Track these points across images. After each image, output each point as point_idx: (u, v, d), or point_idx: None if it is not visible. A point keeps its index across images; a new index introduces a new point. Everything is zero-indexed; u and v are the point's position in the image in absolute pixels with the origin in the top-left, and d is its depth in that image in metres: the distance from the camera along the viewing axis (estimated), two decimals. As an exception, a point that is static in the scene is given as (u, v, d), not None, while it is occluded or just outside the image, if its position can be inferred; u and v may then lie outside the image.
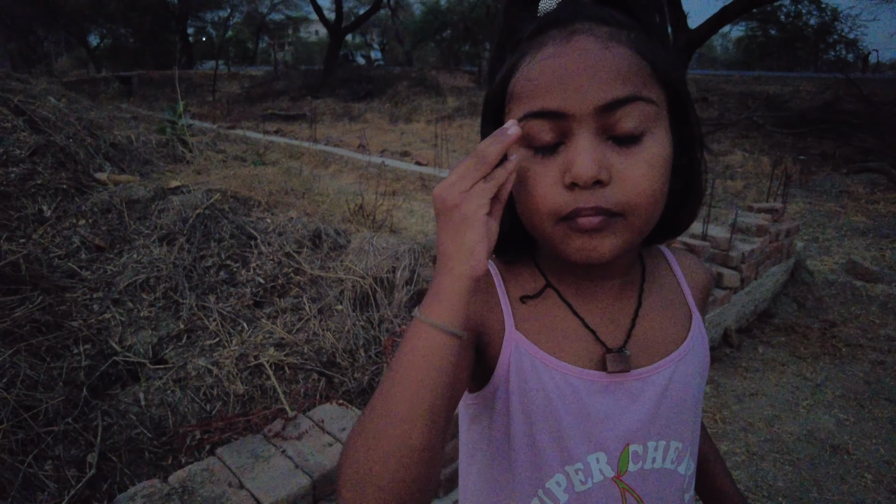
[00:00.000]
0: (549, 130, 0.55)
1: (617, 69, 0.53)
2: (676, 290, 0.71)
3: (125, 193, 3.00)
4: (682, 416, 0.67)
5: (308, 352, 2.30)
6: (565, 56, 0.54)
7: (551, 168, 0.55)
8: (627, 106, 0.53)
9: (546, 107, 0.54)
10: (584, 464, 0.64)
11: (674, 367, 0.66)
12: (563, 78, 0.53)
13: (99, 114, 5.19)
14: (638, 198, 0.55)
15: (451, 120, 13.16)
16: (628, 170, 0.54)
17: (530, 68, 0.55)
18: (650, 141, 0.55)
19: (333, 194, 4.63)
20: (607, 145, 0.54)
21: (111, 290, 2.45)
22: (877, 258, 5.16)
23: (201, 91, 18.09)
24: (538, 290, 0.67)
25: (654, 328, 0.67)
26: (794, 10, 20.05)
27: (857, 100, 11.54)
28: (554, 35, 0.55)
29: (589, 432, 0.63)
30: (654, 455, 0.65)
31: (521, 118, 0.55)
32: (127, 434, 1.85)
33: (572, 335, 0.64)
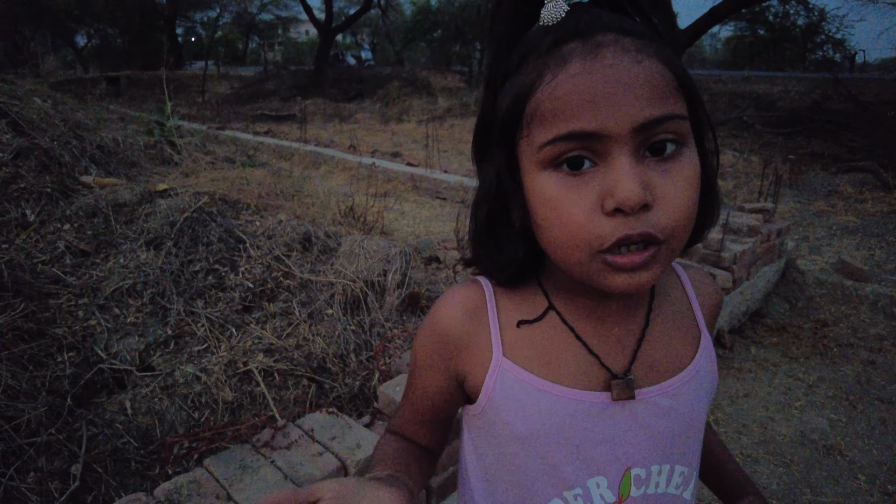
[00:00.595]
0: (580, 152, 0.51)
1: (651, 85, 0.49)
2: (686, 310, 0.68)
3: (111, 197, 2.95)
4: (687, 439, 0.65)
5: (298, 357, 2.26)
6: (596, 73, 0.49)
7: (586, 193, 0.51)
8: (665, 124, 0.50)
9: (579, 128, 0.49)
10: (583, 489, 0.62)
11: (679, 389, 0.63)
12: (597, 96, 0.49)
13: (85, 115, 5.13)
14: (681, 220, 0.51)
15: (443, 120, 13.14)
16: (670, 190, 0.51)
17: (555, 87, 0.50)
18: (686, 158, 0.52)
19: (324, 196, 4.59)
20: (646, 164, 0.51)
21: (97, 295, 2.41)
22: (866, 257, 5.19)
23: (190, 92, 17.96)
24: (539, 313, 0.64)
25: (661, 348, 0.64)
26: (782, 10, 20.21)
27: (845, 99, 11.64)
28: (577, 49, 0.51)
29: (587, 456, 0.61)
30: (658, 479, 0.63)
31: (548, 141, 0.51)
32: (112, 444, 1.81)
33: (573, 359, 0.62)
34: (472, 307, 0.66)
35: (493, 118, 0.58)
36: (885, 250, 5.39)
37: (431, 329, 0.67)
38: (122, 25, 23.94)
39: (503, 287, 0.67)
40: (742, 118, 11.28)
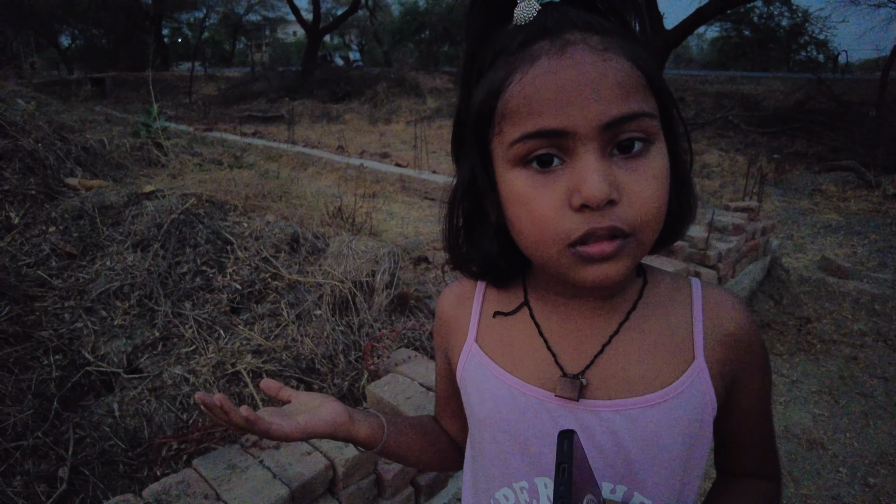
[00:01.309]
0: (548, 150, 0.51)
1: (618, 83, 0.50)
2: (681, 330, 0.61)
3: (97, 199, 2.93)
4: (650, 467, 0.60)
5: (286, 358, 2.27)
6: (563, 71, 0.50)
7: (554, 189, 0.52)
8: (632, 122, 0.50)
9: (547, 126, 0.50)
10: (529, 483, 0.63)
11: (640, 413, 0.59)
12: (563, 94, 0.49)
13: (70, 116, 5.09)
14: (648, 214, 0.52)
15: (431, 121, 13.15)
16: (636, 186, 0.51)
17: (524, 85, 0.51)
18: (653, 154, 0.52)
19: (312, 197, 4.59)
20: (612, 161, 0.51)
21: (83, 298, 2.39)
22: (849, 255, 5.26)
23: (177, 93, 17.84)
24: (514, 308, 0.67)
25: (628, 363, 0.60)
26: (767, 11, 20.43)
27: (828, 99, 11.80)
28: (545, 47, 0.51)
29: (531, 451, 0.62)
30: (613, 498, 0.61)
31: (517, 139, 0.52)
32: (100, 446, 1.81)
33: (533, 354, 0.63)
34: (462, 296, 0.73)
35: (467, 115, 0.58)
36: (868, 248, 5.47)
37: (436, 314, 0.77)
38: (107, 26, 23.71)
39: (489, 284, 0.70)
40: (728, 118, 11.40)
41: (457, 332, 0.72)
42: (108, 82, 17.75)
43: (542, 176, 0.52)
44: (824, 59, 21.82)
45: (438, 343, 0.77)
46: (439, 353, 0.78)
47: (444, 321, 0.74)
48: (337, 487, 1.55)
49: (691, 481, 0.63)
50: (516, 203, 0.54)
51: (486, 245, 0.64)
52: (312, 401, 0.66)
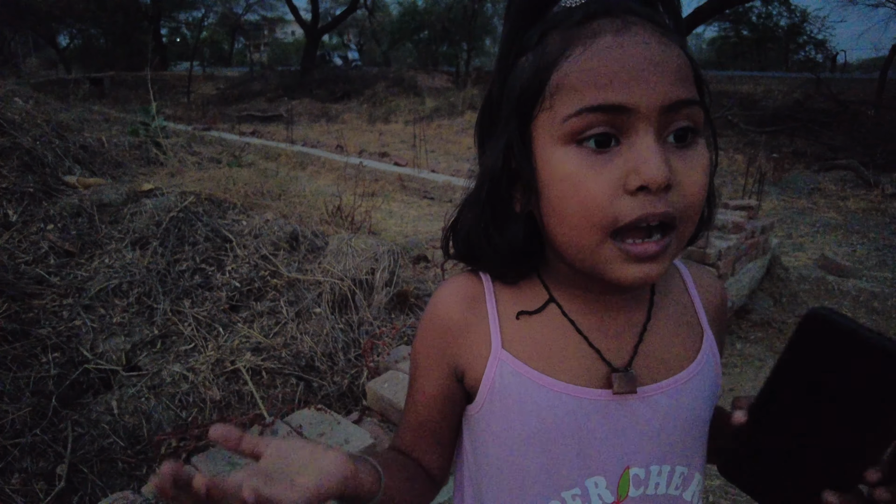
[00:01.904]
0: (605, 126, 0.50)
1: (678, 68, 0.50)
2: (689, 308, 0.66)
3: (96, 197, 2.92)
4: (688, 439, 0.62)
5: (286, 356, 2.26)
6: (628, 48, 0.49)
7: (608, 171, 0.50)
8: (689, 108, 0.50)
9: (609, 100, 0.48)
10: (581, 489, 0.60)
11: (681, 388, 0.61)
12: (629, 70, 0.48)
13: (69, 115, 5.08)
14: (694, 204, 0.52)
15: (430, 120, 13.16)
16: (687, 175, 0.51)
17: (586, 58, 0.49)
18: (700, 146, 0.53)
19: (311, 196, 4.58)
20: (667, 147, 0.51)
21: (82, 296, 2.39)
22: (848, 253, 5.27)
23: (176, 92, 17.82)
24: (539, 305, 0.62)
25: (663, 346, 0.62)
26: (765, 11, 20.45)
27: (827, 99, 11.81)
28: (607, 25, 0.50)
29: (586, 454, 0.59)
30: (658, 480, 0.61)
31: (574, 112, 0.50)
32: (99, 444, 1.80)
33: (573, 353, 0.60)
34: (471, 296, 0.64)
35: (502, 95, 0.56)
36: (867, 246, 5.48)
37: (430, 321, 0.65)
38: (105, 26, 23.67)
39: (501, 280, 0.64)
40: (727, 117, 11.41)
41: (471, 340, 0.63)
42: (107, 82, 17.73)
43: (597, 156, 0.50)
44: (823, 59, 21.85)
45: (435, 355, 0.65)
46: (435, 370, 0.65)
47: (450, 328, 0.63)
48: (337, 484, 1.55)
49: (706, 446, 0.66)
50: (563, 183, 0.51)
51: (510, 233, 0.59)
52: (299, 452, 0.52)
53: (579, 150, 0.51)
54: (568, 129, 0.50)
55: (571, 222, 0.52)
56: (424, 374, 0.67)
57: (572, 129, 0.50)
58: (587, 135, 0.50)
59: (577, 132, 0.50)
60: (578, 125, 0.50)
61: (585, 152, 0.50)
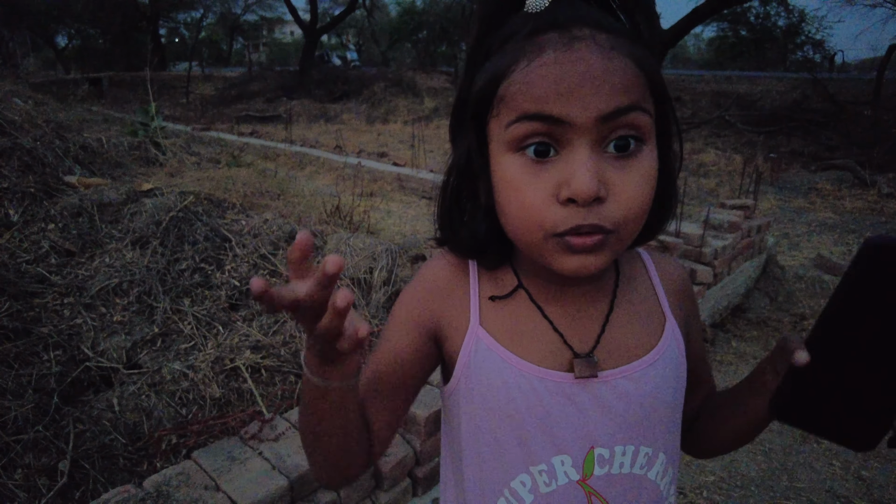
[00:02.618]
0: (543, 136, 0.53)
1: (620, 79, 0.51)
2: (650, 295, 0.69)
3: (96, 197, 2.95)
4: (652, 421, 0.65)
5: (285, 354, 2.28)
6: (568, 63, 0.51)
7: (544, 180, 0.53)
8: (629, 115, 0.52)
9: (545, 110, 0.52)
10: (547, 465, 0.64)
11: (642, 373, 0.64)
12: (565, 85, 0.51)
13: (68, 116, 5.09)
14: (631, 213, 0.54)
15: (429, 121, 13.18)
16: (624, 185, 0.53)
17: (528, 72, 0.52)
18: (644, 154, 0.55)
19: (309, 195, 4.60)
20: (604, 157, 0.53)
21: (83, 294, 2.41)
22: (844, 253, 5.30)
23: (174, 93, 17.82)
24: (509, 291, 0.66)
25: (625, 333, 0.66)
26: (763, 11, 20.47)
27: (824, 99, 11.84)
28: (553, 39, 0.53)
29: (552, 434, 0.63)
30: (622, 460, 0.64)
31: (513, 120, 0.53)
32: (100, 440, 1.82)
33: (540, 337, 0.64)
34: (459, 270, 0.68)
35: (468, 97, 0.60)
36: (863, 246, 5.50)
37: (420, 281, 0.69)
38: (104, 26, 23.64)
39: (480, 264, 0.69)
40: (724, 117, 11.44)
41: (455, 309, 0.66)
42: (105, 82, 17.73)
43: (536, 165, 0.54)
44: (820, 59, 21.88)
45: (417, 315, 0.66)
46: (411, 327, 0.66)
47: (438, 290, 0.67)
48: (335, 479, 1.57)
49: (677, 429, 0.69)
50: (507, 188, 0.56)
51: (475, 225, 0.65)
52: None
53: (520, 158, 0.55)
54: (510, 136, 0.54)
55: (516, 222, 0.57)
56: (401, 328, 0.67)
57: (513, 136, 0.54)
58: (527, 143, 0.54)
59: (518, 139, 0.54)
60: (518, 132, 0.54)
61: (525, 160, 0.54)
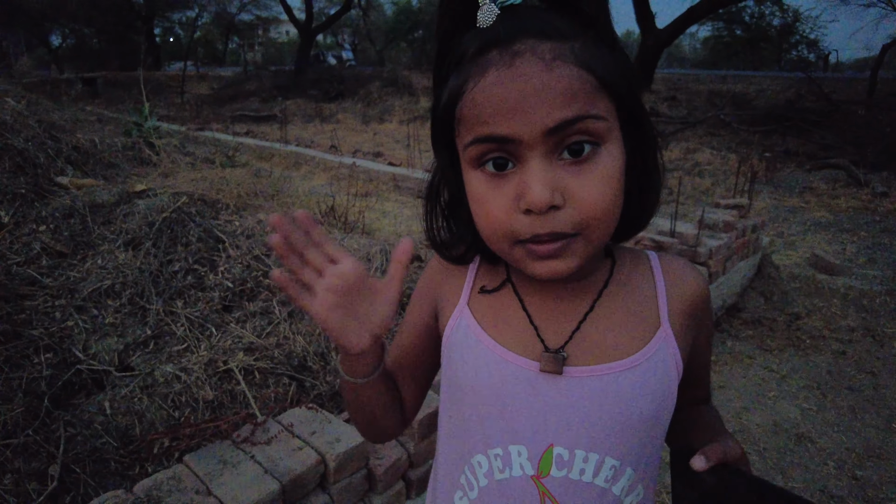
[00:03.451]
0: (497, 152, 0.55)
1: (562, 90, 0.52)
2: (648, 298, 0.66)
3: (88, 198, 2.93)
4: (622, 431, 0.62)
5: (278, 356, 2.27)
6: (509, 83, 0.52)
7: (504, 191, 0.56)
8: (576, 125, 0.53)
9: (493, 132, 0.54)
10: (503, 451, 0.65)
11: (616, 376, 0.62)
12: (508, 104, 0.52)
13: (61, 116, 5.06)
14: (593, 215, 0.55)
15: (425, 120, 13.14)
16: (582, 189, 0.54)
17: (475, 94, 0.54)
18: (602, 156, 0.55)
19: (304, 196, 4.59)
20: (559, 165, 0.54)
21: (74, 296, 2.39)
22: (838, 252, 5.31)
23: (169, 92, 17.76)
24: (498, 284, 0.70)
25: (604, 333, 0.64)
26: (758, 11, 20.54)
27: (819, 98, 11.88)
28: (495, 58, 0.53)
29: (511, 421, 0.64)
30: (584, 466, 0.63)
31: (469, 143, 0.56)
32: (91, 444, 1.81)
33: (516, 326, 0.66)
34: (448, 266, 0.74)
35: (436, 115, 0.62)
36: (857, 245, 5.52)
37: (431, 264, 0.77)
38: (98, 25, 23.55)
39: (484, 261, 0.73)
40: (719, 116, 11.46)
41: (452, 288, 0.73)
42: (100, 82, 17.64)
43: (496, 178, 0.57)
44: (815, 59, 21.96)
45: (427, 290, 0.76)
46: (423, 301, 0.76)
47: (443, 271, 0.74)
48: (328, 482, 1.56)
49: (656, 447, 0.66)
50: (474, 201, 0.60)
51: (461, 233, 0.69)
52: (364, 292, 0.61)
53: (482, 173, 0.58)
54: (469, 156, 0.57)
55: (485, 232, 0.60)
56: (415, 304, 0.77)
57: (472, 155, 0.57)
58: (485, 159, 0.57)
59: (477, 158, 0.57)
60: (475, 152, 0.57)
61: (487, 175, 0.57)
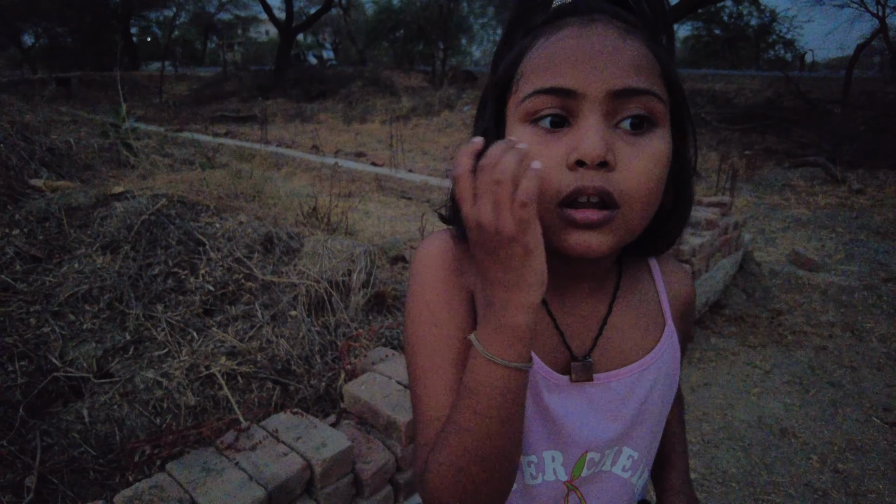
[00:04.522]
0: (557, 108, 0.54)
1: (634, 59, 0.53)
2: (653, 299, 0.69)
3: (64, 200, 2.85)
4: (641, 425, 0.66)
5: (261, 360, 2.23)
6: (584, 38, 0.53)
7: (556, 148, 0.53)
8: (641, 97, 0.53)
9: (559, 84, 0.53)
10: (538, 457, 0.64)
11: (637, 377, 0.65)
12: (581, 57, 0.52)
13: (34, 117, 4.95)
14: (638, 189, 0.53)
15: (407, 120, 13.13)
16: (633, 159, 0.53)
17: (546, 47, 0.55)
18: (655, 136, 0.55)
19: (286, 197, 4.54)
20: (615, 132, 0.53)
21: (50, 302, 2.33)
22: (818, 248, 5.39)
23: (147, 93, 17.50)
24: None
25: (623, 335, 0.66)
26: (736, 10, 20.83)
27: (796, 97, 12.06)
28: (572, 21, 0.55)
29: (546, 429, 0.63)
30: (608, 462, 0.66)
31: (529, 94, 0.54)
32: (69, 454, 1.76)
33: (542, 332, 0.64)
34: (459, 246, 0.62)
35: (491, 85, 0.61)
36: (835, 241, 5.61)
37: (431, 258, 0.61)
38: (72, 24, 23.08)
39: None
40: (700, 115, 11.58)
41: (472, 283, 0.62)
42: (75, 82, 17.31)
43: (549, 135, 0.54)
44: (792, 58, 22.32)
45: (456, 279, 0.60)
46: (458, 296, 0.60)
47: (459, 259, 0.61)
48: (315, 488, 1.53)
49: (660, 433, 0.70)
50: None
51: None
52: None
53: (535, 128, 0.55)
54: (525, 110, 0.55)
55: None
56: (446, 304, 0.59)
57: (528, 109, 0.55)
58: (542, 114, 0.54)
59: (533, 112, 0.55)
60: (533, 106, 0.54)
61: (540, 130, 0.54)
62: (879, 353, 3.44)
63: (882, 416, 2.80)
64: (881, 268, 4.87)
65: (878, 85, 12.97)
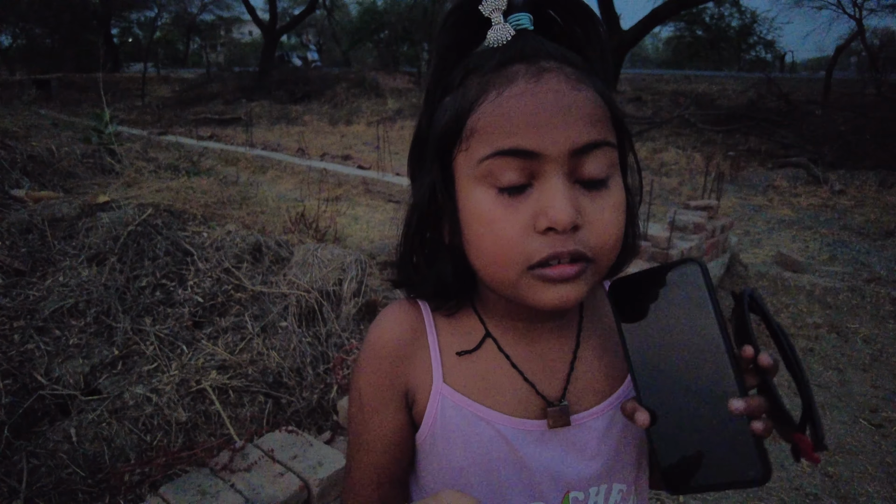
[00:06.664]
0: (517, 170, 0.52)
1: (588, 113, 0.52)
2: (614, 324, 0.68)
3: (47, 211, 2.80)
4: (624, 457, 0.65)
5: (253, 373, 2.21)
6: (539, 94, 0.51)
7: (521, 213, 0.52)
8: (598, 150, 0.52)
9: (519, 145, 0.51)
10: None
11: (615, 411, 0.64)
12: (538, 118, 0.51)
13: (13, 122, 4.86)
14: (608, 241, 0.54)
15: (393, 122, 13.08)
16: (598, 214, 0.53)
17: (499, 104, 0.52)
18: (613, 186, 0.55)
19: (273, 202, 4.49)
20: (576, 189, 0.53)
21: (34, 317, 2.28)
22: (801, 249, 5.46)
23: (129, 95, 17.27)
24: (476, 341, 0.64)
25: (592, 372, 0.64)
26: (718, 12, 21.06)
27: (777, 98, 12.22)
28: (521, 71, 0.52)
29: (527, 482, 0.62)
30: (596, 500, 0.64)
31: (487, 156, 0.52)
32: (57, 475, 1.72)
33: (510, 386, 0.62)
34: (413, 324, 0.64)
35: (430, 132, 0.58)
36: (818, 242, 5.69)
37: (376, 349, 0.64)
38: (52, 25, 22.70)
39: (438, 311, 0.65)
40: (684, 116, 11.69)
41: (416, 367, 0.63)
42: (54, 84, 17.02)
43: (510, 198, 0.52)
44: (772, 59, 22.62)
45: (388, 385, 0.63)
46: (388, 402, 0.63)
47: (398, 356, 0.63)
48: (311, 508, 1.51)
49: (645, 457, 0.68)
50: (479, 222, 0.54)
51: (441, 266, 0.61)
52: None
53: (493, 191, 0.53)
54: (483, 171, 0.53)
55: (489, 258, 0.55)
56: (377, 411, 0.64)
57: (486, 171, 0.53)
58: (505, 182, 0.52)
59: (492, 175, 0.52)
60: (492, 167, 0.52)
61: (501, 195, 0.53)
62: (864, 354, 3.49)
63: (869, 417, 2.84)
64: (864, 268, 4.94)
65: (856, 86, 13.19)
